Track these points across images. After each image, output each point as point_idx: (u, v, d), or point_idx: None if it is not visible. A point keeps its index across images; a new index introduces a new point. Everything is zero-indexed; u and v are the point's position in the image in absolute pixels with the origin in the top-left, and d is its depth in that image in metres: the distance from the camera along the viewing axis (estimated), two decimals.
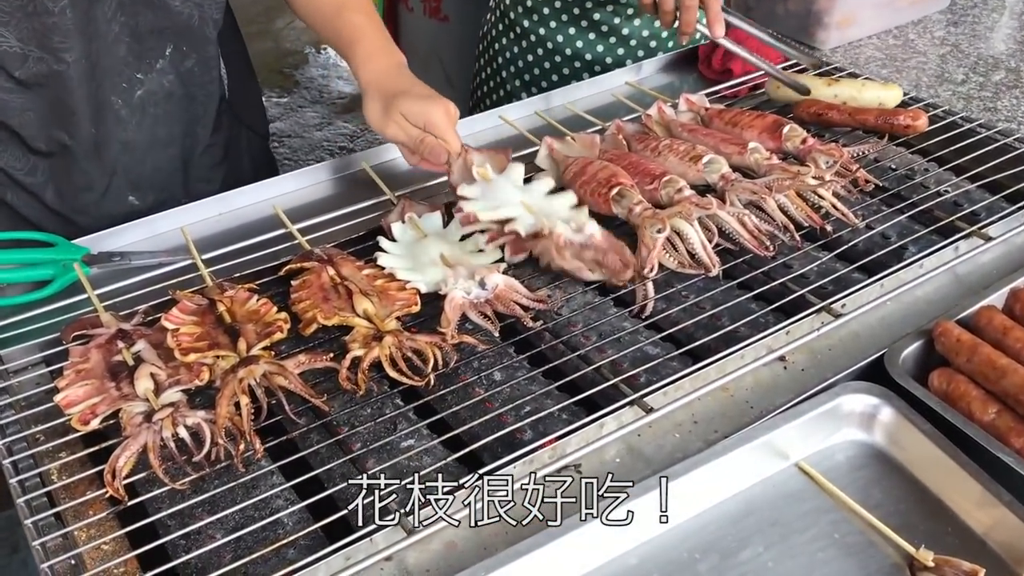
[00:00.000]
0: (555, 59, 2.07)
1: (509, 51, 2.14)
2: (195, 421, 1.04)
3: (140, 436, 1.02)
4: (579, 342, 1.23)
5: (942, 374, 1.16)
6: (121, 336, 1.17)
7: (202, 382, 1.10)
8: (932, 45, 2.23)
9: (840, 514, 1.05)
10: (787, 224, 1.36)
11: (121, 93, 1.48)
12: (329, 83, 5.48)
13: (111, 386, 1.10)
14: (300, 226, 1.45)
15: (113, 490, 0.99)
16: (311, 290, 1.23)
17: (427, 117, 1.43)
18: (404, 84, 1.49)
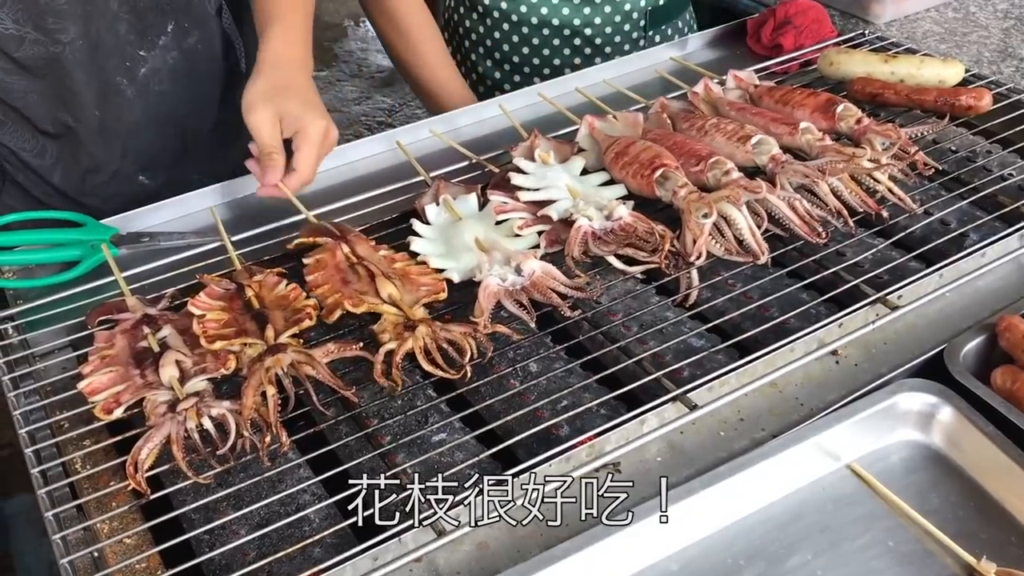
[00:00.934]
0: (523, 31, 1.96)
1: (475, 32, 2.04)
2: (220, 412, 1.00)
3: (164, 427, 0.99)
4: (619, 332, 1.18)
5: (1006, 372, 1.09)
6: (147, 321, 1.14)
7: (228, 371, 1.06)
8: (995, 18, 2.12)
9: (894, 520, 0.99)
10: (840, 209, 1.29)
11: (125, 72, 1.45)
12: (368, 56, 5.44)
13: (135, 373, 1.07)
14: (332, 207, 1.41)
15: (136, 483, 0.96)
16: (328, 272, 1.18)
17: (302, 126, 1.32)
18: (301, 84, 1.38)
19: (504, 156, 1.49)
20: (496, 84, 2.07)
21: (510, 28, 1.98)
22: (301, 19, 1.45)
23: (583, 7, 1.93)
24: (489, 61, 2.06)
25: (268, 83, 1.34)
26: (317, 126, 1.32)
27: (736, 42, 1.91)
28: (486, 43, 2.04)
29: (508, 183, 1.37)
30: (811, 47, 1.79)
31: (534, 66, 2.01)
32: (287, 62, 1.38)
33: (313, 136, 1.32)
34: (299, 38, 1.43)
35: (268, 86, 1.33)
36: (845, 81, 1.63)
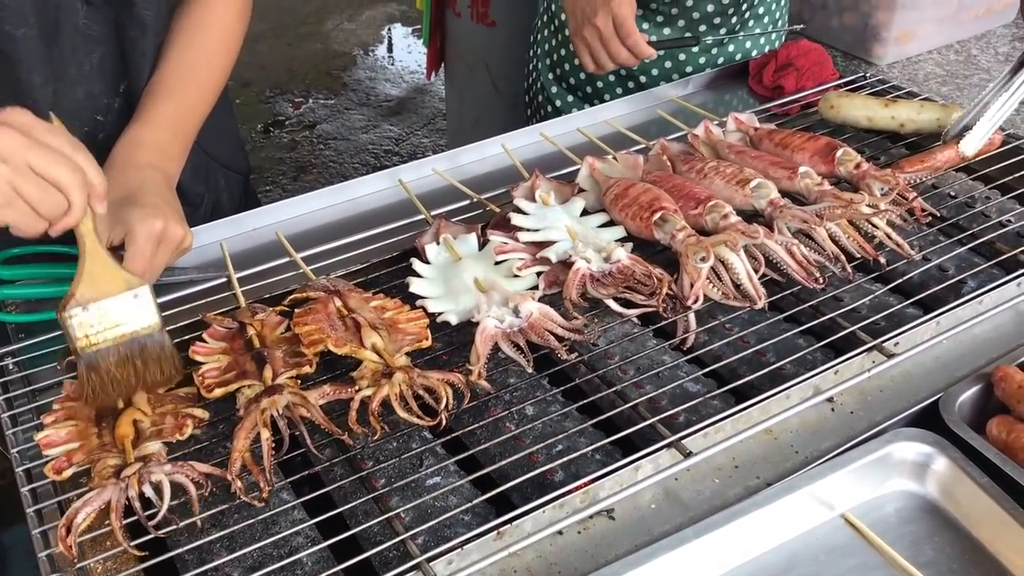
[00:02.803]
0: None
1: (548, 44, 2.13)
2: (159, 479, 0.99)
3: (105, 492, 0.98)
4: (616, 376, 1.18)
5: (1002, 422, 1.09)
6: None
7: (183, 437, 1.06)
8: (996, 61, 2.14)
9: (888, 572, 0.99)
10: (838, 255, 1.30)
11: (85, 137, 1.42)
12: (376, 85, 5.48)
13: (94, 432, 1.07)
14: (334, 244, 1.42)
15: (65, 547, 0.95)
16: (317, 316, 1.19)
17: (130, 229, 1.20)
18: (143, 188, 1.28)
19: (505, 195, 1.50)
20: (550, 98, 2.13)
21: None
22: (171, 116, 1.40)
23: None
24: (551, 75, 2.13)
25: (114, 186, 1.23)
26: (146, 227, 1.21)
27: (738, 83, 1.93)
28: (553, 56, 2.12)
29: (508, 223, 1.38)
30: (812, 89, 1.80)
31: (587, 93, 2.05)
32: (129, 165, 1.31)
33: (140, 238, 1.20)
34: (154, 139, 1.36)
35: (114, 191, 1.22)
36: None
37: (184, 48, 1.44)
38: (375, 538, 0.99)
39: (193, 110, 1.44)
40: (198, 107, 1.45)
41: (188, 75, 1.44)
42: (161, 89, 1.41)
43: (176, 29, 1.45)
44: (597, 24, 1.70)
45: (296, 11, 6.24)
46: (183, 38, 1.44)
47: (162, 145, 1.37)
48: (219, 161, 1.71)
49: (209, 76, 1.47)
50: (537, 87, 2.20)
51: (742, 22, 1.99)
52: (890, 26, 2.07)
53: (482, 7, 3.40)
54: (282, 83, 5.48)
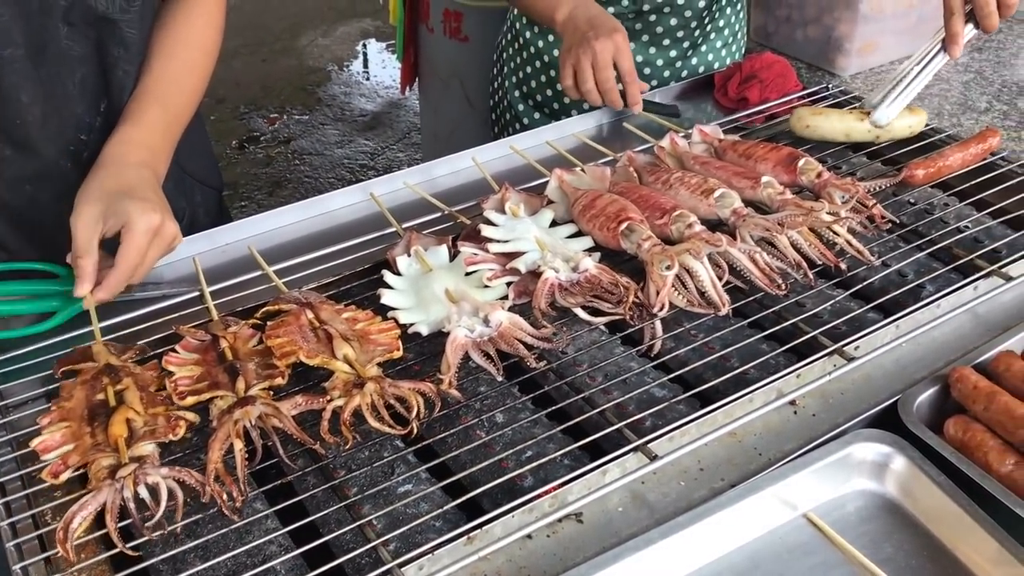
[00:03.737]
0: (550, 73, 2.06)
1: (513, 62, 2.15)
2: (155, 480, 1.01)
3: (101, 494, 0.99)
4: (584, 383, 1.20)
5: (958, 422, 1.13)
6: (108, 372, 1.16)
7: (176, 437, 1.08)
8: (955, 72, 2.19)
9: (849, 569, 1.01)
10: (800, 261, 1.33)
11: (70, 156, 1.45)
12: (351, 100, 5.50)
13: (87, 432, 1.08)
14: (306, 257, 1.44)
15: (64, 551, 0.96)
16: (289, 328, 1.21)
17: (128, 220, 1.24)
18: (136, 183, 1.32)
19: (476, 208, 1.52)
20: (518, 116, 2.15)
21: (541, 66, 2.07)
22: (159, 118, 1.44)
23: None
24: (517, 92, 2.16)
25: (96, 183, 1.31)
26: (146, 219, 1.25)
27: (703, 95, 1.97)
28: (519, 74, 2.15)
29: (479, 235, 1.40)
30: (776, 100, 1.84)
31: (554, 109, 2.08)
32: (123, 163, 1.35)
33: (138, 229, 1.25)
34: (145, 139, 1.40)
35: (97, 185, 1.30)
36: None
37: (168, 59, 1.47)
38: (347, 545, 1.00)
39: (178, 116, 1.48)
40: (182, 113, 1.49)
41: (173, 83, 1.47)
42: (149, 94, 1.44)
43: (159, 41, 1.48)
44: (595, 47, 1.68)
45: (270, 27, 6.26)
46: (166, 50, 1.48)
47: (152, 146, 1.41)
48: (195, 176, 1.72)
49: (192, 84, 1.51)
50: (504, 104, 2.23)
51: (704, 35, 2.03)
52: (852, 38, 2.12)
53: (454, 22, 3.44)
54: (257, 99, 5.49)
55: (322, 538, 1.00)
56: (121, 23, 1.41)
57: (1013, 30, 2.41)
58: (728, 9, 2.05)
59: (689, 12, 1.96)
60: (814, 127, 1.69)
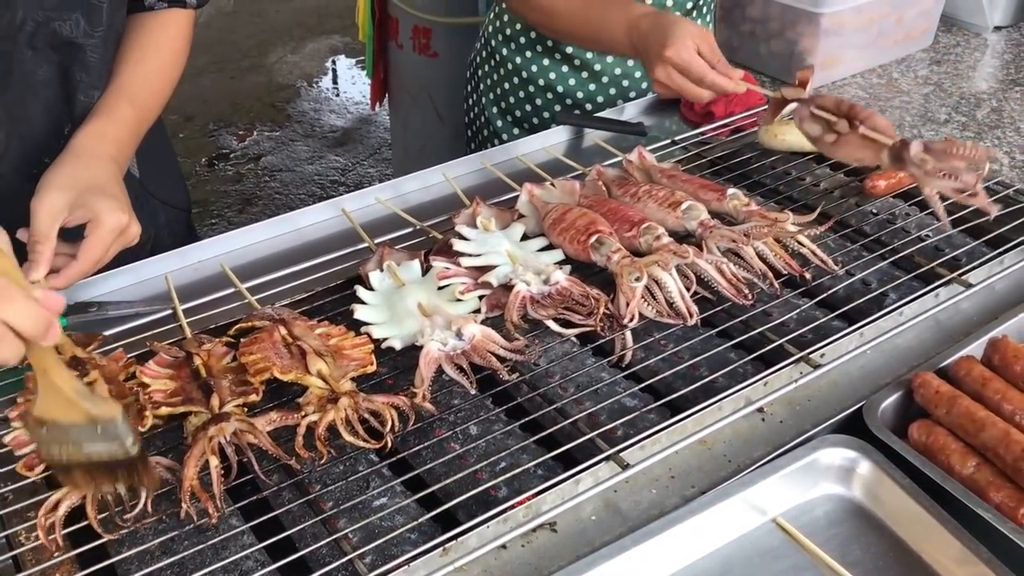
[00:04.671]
0: (528, 89, 2.08)
1: (489, 78, 2.17)
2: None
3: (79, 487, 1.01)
4: (556, 394, 1.22)
5: (921, 426, 1.15)
6: (74, 364, 1.16)
7: (144, 428, 1.09)
8: (915, 84, 2.24)
9: (818, 572, 1.04)
10: (766, 272, 1.36)
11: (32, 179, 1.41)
12: (321, 117, 5.51)
13: None
14: (278, 274, 1.45)
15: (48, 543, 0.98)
16: (263, 345, 1.21)
17: (96, 214, 1.26)
18: (103, 178, 1.33)
19: (447, 223, 1.54)
20: (496, 132, 2.17)
21: (519, 83, 2.09)
22: (130, 116, 1.44)
23: (589, 82, 2.02)
24: (495, 109, 2.17)
25: (66, 171, 1.31)
26: (115, 218, 1.27)
27: (671, 110, 2.00)
28: (496, 91, 2.16)
29: (451, 249, 1.41)
30: (740, 114, 1.87)
31: (533, 124, 2.10)
32: (94, 156, 1.36)
33: (106, 226, 1.26)
34: (116, 134, 1.41)
35: (67, 173, 1.30)
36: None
37: (139, 61, 1.49)
38: (323, 559, 1.01)
39: (145, 115, 1.49)
40: (150, 114, 1.51)
41: (144, 83, 1.49)
42: (121, 92, 1.46)
43: (130, 46, 1.50)
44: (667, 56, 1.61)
45: (239, 45, 6.25)
46: (137, 53, 1.50)
47: (120, 141, 1.42)
48: (158, 197, 1.73)
49: (160, 86, 1.53)
50: (482, 121, 2.24)
51: None
52: (815, 52, 2.16)
53: (424, 38, 3.46)
54: (226, 116, 5.48)
55: (298, 552, 1.01)
56: (86, 47, 1.41)
57: (970, 43, 2.47)
58: (699, 22, 2.08)
59: None
60: (782, 138, 1.73)
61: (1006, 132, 2.00)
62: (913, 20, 2.33)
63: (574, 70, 2.02)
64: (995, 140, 1.96)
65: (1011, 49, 2.44)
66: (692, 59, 1.62)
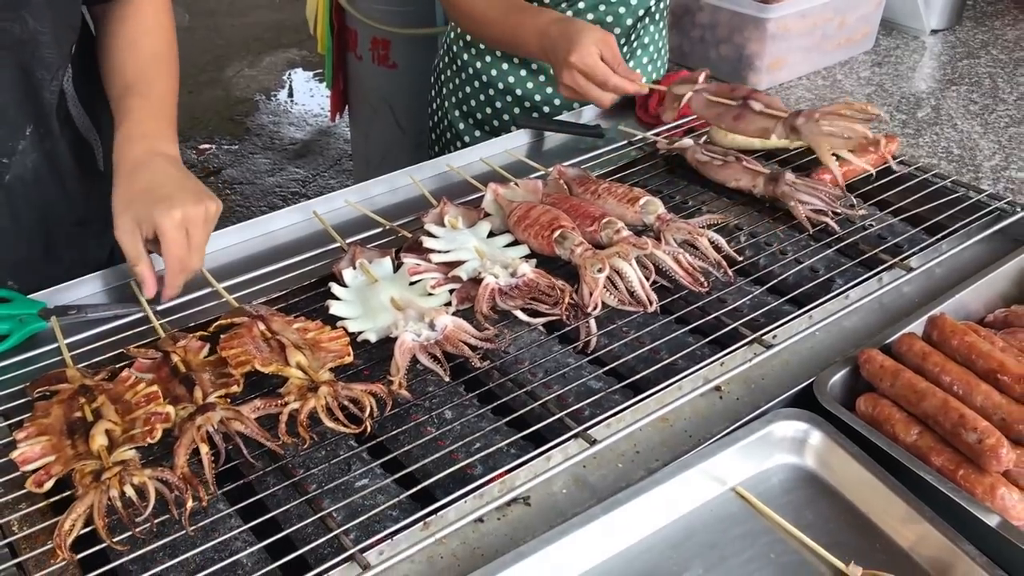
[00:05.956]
0: (489, 92, 2.15)
1: (451, 83, 2.23)
2: (142, 480, 1.06)
3: (87, 496, 1.04)
4: (526, 379, 1.28)
5: (868, 399, 1.24)
6: (83, 392, 1.20)
7: (154, 440, 1.12)
8: (858, 85, 2.35)
9: (775, 535, 1.11)
10: (720, 261, 1.43)
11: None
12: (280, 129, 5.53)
13: (67, 444, 1.12)
14: (252, 275, 1.49)
15: (61, 551, 1.01)
16: (243, 340, 1.26)
17: (157, 226, 1.34)
18: (156, 178, 1.40)
19: (416, 222, 1.60)
20: (459, 135, 2.24)
21: (480, 87, 2.15)
22: (144, 107, 1.48)
23: (546, 86, 2.09)
24: (458, 112, 2.23)
25: (119, 192, 1.39)
26: (168, 219, 1.33)
27: (626, 112, 2.07)
28: (458, 95, 2.22)
29: (420, 246, 1.47)
30: (692, 116, 1.95)
31: (494, 127, 2.17)
32: (135, 164, 1.42)
33: (167, 229, 1.34)
34: (141, 130, 1.46)
35: (119, 196, 1.38)
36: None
37: (131, 55, 1.53)
38: (309, 538, 1.06)
39: (161, 99, 1.53)
40: (165, 96, 1.54)
41: (143, 72, 1.52)
42: (127, 91, 1.49)
43: (117, 42, 1.54)
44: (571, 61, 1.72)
45: (195, 59, 6.26)
46: (127, 44, 1.54)
47: (147, 133, 1.46)
48: None
49: (165, 69, 1.56)
50: (444, 125, 2.31)
51: (631, 52, 2.14)
52: (762, 55, 2.25)
53: (383, 50, 3.52)
54: (184, 130, 5.46)
55: (284, 532, 1.06)
56: (40, 44, 1.43)
57: (909, 46, 2.59)
58: (652, 27, 2.17)
59: (618, 30, 2.07)
60: (732, 137, 1.81)
61: (944, 128, 2.10)
62: (855, 24, 2.44)
63: (532, 74, 2.10)
64: (934, 136, 2.07)
65: (947, 51, 2.56)
66: (596, 64, 1.72)
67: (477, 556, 1.06)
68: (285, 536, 1.06)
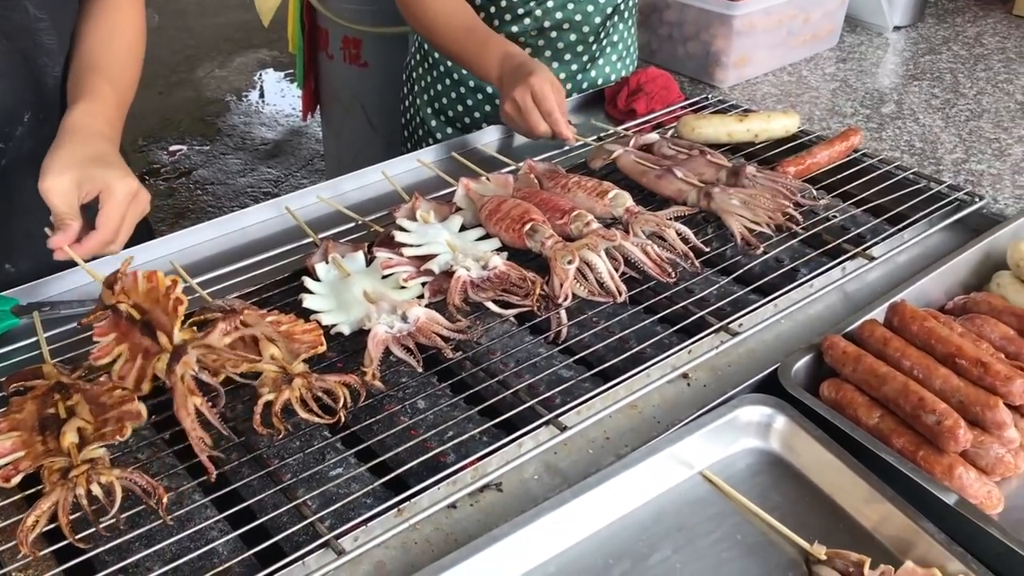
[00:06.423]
0: (460, 90, 2.17)
1: (424, 80, 2.25)
2: (109, 479, 1.06)
3: (53, 493, 1.04)
4: (498, 368, 1.30)
5: (831, 384, 1.27)
6: (59, 389, 1.20)
7: (124, 437, 1.13)
8: (823, 81, 2.39)
9: (742, 517, 1.13)
10: (687, 252, 1.46)
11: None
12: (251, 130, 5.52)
13: (38, 440, 1.13)
14: (225, 270, 1.50)
15: (23, 547, 1.01)
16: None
17: (106, 185, 1.30)
18: (104, 151, 1.37)
19: (388, 217, 1.61)
20: (431, 132, 2.25)
21: (451, 84, 2.17)
22: (111, 94, 1.48)
23: None
24: (430, 109, 2.24)
25: (67, 151, 1.34)
26: (124, 184, 1.31)
27: (596, 107, 2.10)
28: (430, 92, 2.24)
29: (393, 241, 1.49)
30: (661, 111, 1.99)
31: (466, 124, 2.18)
32: (89, 132, 1.39)
33: (118, 194, 1.30)
34: (104, 112, 1.45)
35: (67, 153, 1.33)
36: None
37: (107, 42, 1.53)
38: (285, 526, 1.07)
39: (124, 95, 1.52)
40: (129, 92, 1.54)
41: (117, 61, 1.53)
42: (97, 72, 1.48)
43: (96, 26, 1.54)
44: (531, 82, 1.75)
45: (165, 60, 6.23)
46: (103, 33, 1.54)
47: (110, 119, 1.45)
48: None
49: (132, 64, 1.57)
50: (416, 123, 2.32)
51: (600, 49, 2.17)
52: (729, 52, 2.29)
53: (354, 49, 3.52)
54: (155, 131, 5.45)
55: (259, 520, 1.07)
56: (40, 32, 1.44)
57: (873, 42, 2.63)
58: (620, 25, 2.19)
59: (587, 28, 2.09)
60: (699, 131, 1.84)
61: (906, 122, 2.15)
62: (819, 21, 2.48)
63: None
64: (896, 130, 2.11)
65: (910, 47, 2.61)
66: (548, 94, 1.75)
67: (451, 541, 1.08)
68: (260, 524, 1.07)
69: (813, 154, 1.72)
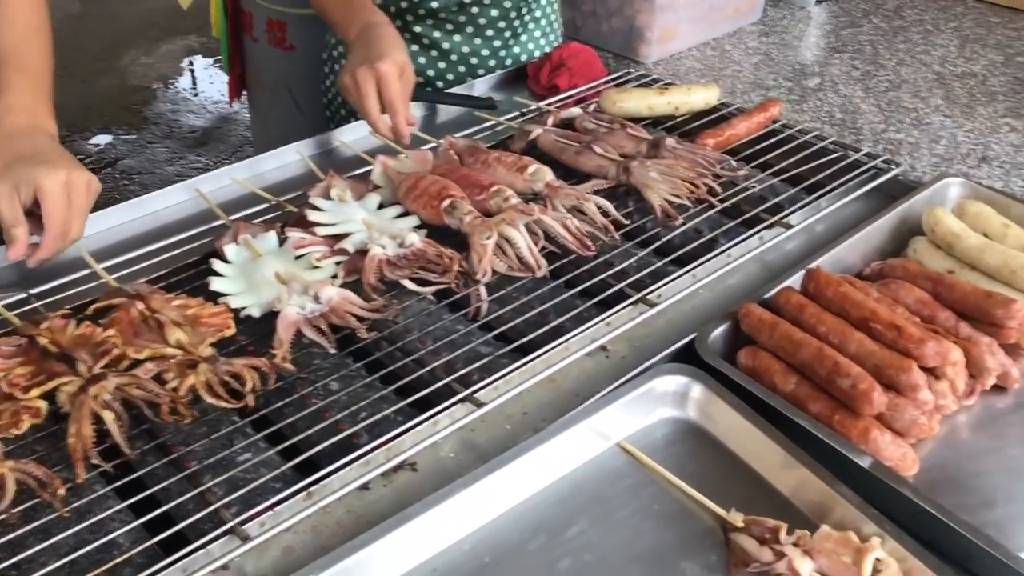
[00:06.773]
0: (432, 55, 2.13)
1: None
2: (1, 472, 1.02)
3: None
4: (414, 347, 1.28)
5: (748, 352, 1.26)
6: None
7: (19, 431, 1.09)
8: (746, 55, 2.40)
9: (659, 487, 1.13)
10: (607, 225, 1.45)
11: None
12: (179, 117, 5.39)
13: None
14: (133, 255, 1.45)
15: None
16: (120, 326, 1.22)
17: (39, 185, 1.27)
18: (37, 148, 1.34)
19: (303, 197, 1.57)
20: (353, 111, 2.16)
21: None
22: (24, 83, 1.44)
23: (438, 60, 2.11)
24: None
25: (1, 156, 1.32)
26: (53, 178, 1.28)
27: (519, 84, 2.08)
28: None
29: (306, 220, 1.45)
30: (584, 86, 1.97)
31: None
32: (13, 131, 1.37)
33: (50, 190, 1.28)
34: (22, 104, 1.41)
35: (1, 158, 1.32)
36: None
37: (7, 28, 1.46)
38: (189, 513, 1.03)
39: (40, 75, 1.48)
40: (44, 72, 1.49)
41: (23, 44, 1.47)
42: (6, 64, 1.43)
43: None
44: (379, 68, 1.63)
45: (88, 48, 6.05)
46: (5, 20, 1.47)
47: (27, 107, 1.41)
48: None
49: (42, 43, 1.51)
50: (338, 103, 2.28)
51: (523, 24, 2.15)
52: (652, 27, 2.28)
53: (279, 32, 3.45)
54: (78, 121, 5.29)
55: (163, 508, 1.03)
56: None
57: (796, 16, 2.65)
58: (543, 1, 2.17)
59: (508, 3, 2.07)
60: (621, 105, 1.83)
61: (827, 94, 2.16)
62: None
63: (424, 49, 2.08)
64: (818, 102, 2.12)
65: (831, 20, 2.63)
66: (394, 82, 1.64)
67: (363, 523, 1.06)
68: (164, 513, 1.03)
69: (732, 125, 1.72)
